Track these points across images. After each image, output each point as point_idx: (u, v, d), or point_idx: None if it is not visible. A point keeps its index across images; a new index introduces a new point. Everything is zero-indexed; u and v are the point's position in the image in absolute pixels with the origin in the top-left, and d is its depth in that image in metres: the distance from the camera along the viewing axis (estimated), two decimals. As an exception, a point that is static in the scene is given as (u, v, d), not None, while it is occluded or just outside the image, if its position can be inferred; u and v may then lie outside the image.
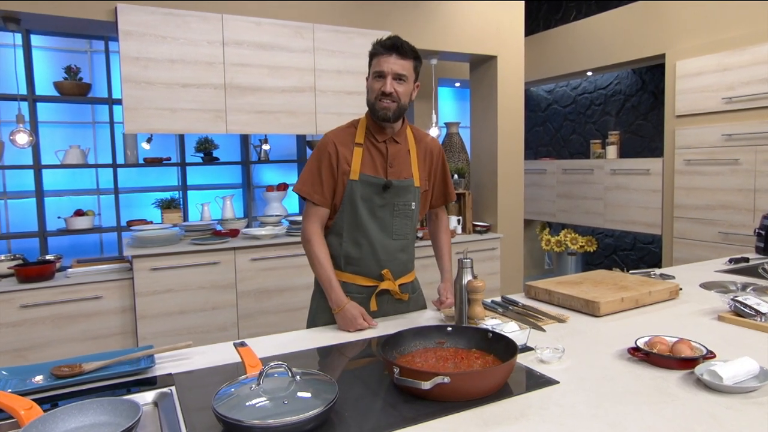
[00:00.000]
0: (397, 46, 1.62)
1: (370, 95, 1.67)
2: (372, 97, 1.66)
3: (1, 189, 4.10)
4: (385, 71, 1.62)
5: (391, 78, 1.62)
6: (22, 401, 1.06)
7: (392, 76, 1.62)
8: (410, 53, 1.65)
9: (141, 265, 3.00)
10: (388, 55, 1.62)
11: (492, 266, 4.22)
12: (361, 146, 1.69)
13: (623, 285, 1.84)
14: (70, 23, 3.04)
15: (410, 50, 1.65)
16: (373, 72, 1.65)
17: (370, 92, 1.67)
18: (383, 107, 1.64)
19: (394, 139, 1.74)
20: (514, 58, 4.20)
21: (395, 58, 1.62)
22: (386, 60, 1.62)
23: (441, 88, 5.47)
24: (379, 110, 1.65)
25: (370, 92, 1.67)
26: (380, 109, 1.65)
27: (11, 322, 2.81)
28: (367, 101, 1.70)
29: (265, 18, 3.29)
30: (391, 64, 1.62)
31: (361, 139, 1.71)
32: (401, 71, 1.63)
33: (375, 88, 1.64)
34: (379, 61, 1.63)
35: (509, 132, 4.24)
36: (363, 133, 1.72)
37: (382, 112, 1.65)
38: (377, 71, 1.64)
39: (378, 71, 1.63)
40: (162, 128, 3.10)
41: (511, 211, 4.33)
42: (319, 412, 0.98)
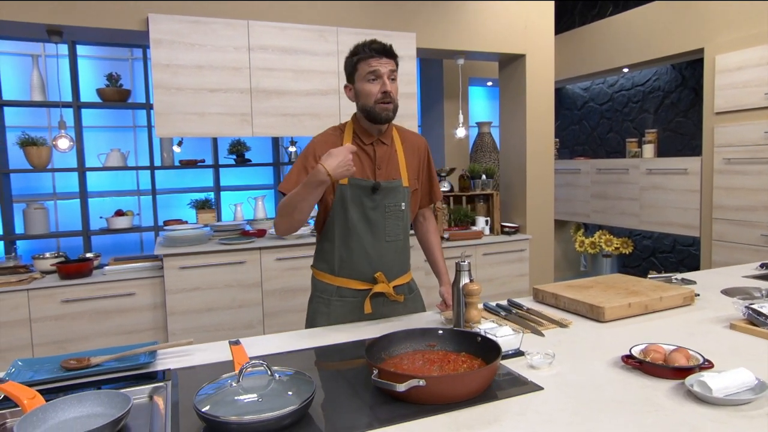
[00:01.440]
0: (386, 48, 1.66)
1: (367, 100, 1.66)
2: (371, 102, 1.65)
3: (51, 190, 4.36)
4: (381, 71, 1.64)
5: (387, 77, 1.65)
6: (27, 391, 1.14)
7: (387, 75, 1.65)
8: (395, 54, 1.69)
9: (171, 263, 3.13)
10: (379, 57, 1.64)
11: (520, 268, 4.16)
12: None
13: (634, 290, 1.79)
14: (107, 34, 3.20)
15: (393, 51, 1.69)
16: (367, 75, 1.65)
17: (366, 97, 1.66)
18: (385, 109, 1.66)
19: (381, 140, 1.75)
20: (544, 56, 4.12)
21: (386, 59, 1.65)
22: (378, 61, 1.64)
23: (472, 87, 5.42)
24: (382, 112, 1.66)
25: (366, 97, 1.66)
26: (382, 111, 1.66)
27: (53, 315, 2.99)
28: (361, 106, 1.69)
29: (290, 23, 3.36)
30: (384, 65, 1.64)
31: (349, 142, 1.72)
32: (393, 68, 1.67)
33: (373, 90, 1.64)
34: (370, 63, 1.64)
35: (539, 131, 4.16)
36: (350, 136, 1.73)
37: (384, 114, 1.66)
38: (372, 72, 1.64)
39: (372, 72, 1.64)
40: (191, 132, 3.22)
41: (541, 211, 4.25)
42: (294, 409, 1.01)
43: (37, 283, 2.98)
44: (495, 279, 4.08)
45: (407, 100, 3.69)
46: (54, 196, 4.34)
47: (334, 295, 1.75)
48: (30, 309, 2.95)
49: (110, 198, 4.46)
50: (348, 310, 1.75)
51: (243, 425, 0.99)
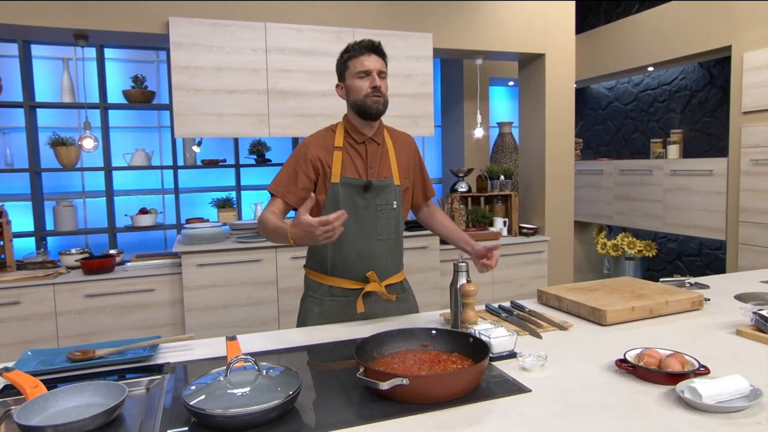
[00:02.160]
0: (375, 46, 1.71)
1: (358, 95, 1.70)
2: (361, 96, 1.70)
3: (81, 189, 4.51)
4: (370, 68, 1.68)
5: (376, 74, 1.69)
6: (31, 380, 1.19)
7: (377, 72, 1.69)
8: (384, 52, 1.74)
9: (188, 261, 3.21)
10: (369, 55, 1.69)
11: (539, 270, 4.11)
12: (340, 150, 1.74)
13: (641, 293, 1.76)
14: (130, 37, 3.30)
15: (382, 49, 1.74)
16: (357, 72, 1.70)
17: (357, 92, 1.70)
18: (375, 101, 1.70)
19: (373, 139, 1.78)
20: (564, 55, 4.06)
21: (375, 57, 1.70)
22: (368, 58, 1.69)
23: (493, 87, 5.38)
24: (372, 105, 1.70)
25: (357, 92, 1.70)
26: (373, 104, 1.70)
27: (77, 309, 3.10)
28: (352, 102, 1.73)
29: (306, 24, 3.40)
30: (373, 62, 1.69)
31: (340, 142, 1.75)
32: (382, 68, 1.71)
33: (363, 86, 1.69)
34: (360, 60, 1.69)
35: (558, 132, 4.10)
36: (342, 136, 1.76)
37: (375, 107, 1.70)
38: (361, 70, 1.69)
39: (362, 70, 1.69)
40: (209, 132, 3.29)
41: (560, 213, 4.19)
42: (278, 403, 1.03)
43: (63, 278, 3.10)
44: (513, 280, 4.04)
45: (423, 100, 3.69)
46: (83, 194, 4.50)
47: (326, 295, 1.78)
48: (56, 302, 3.06)
49: (136, 196, 4.60)
50: (340, 309, 1.77)
51: (228, 418, 1.02)
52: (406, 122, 3.67)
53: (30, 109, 3.82)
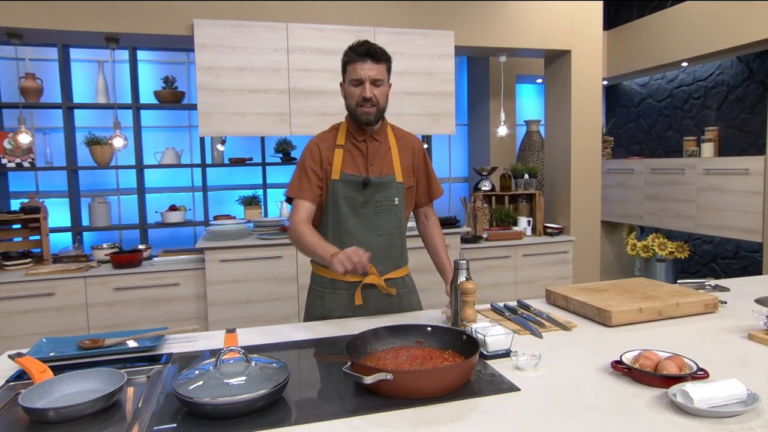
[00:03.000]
0: (371, 52, 1.69)
1: (350, 101, 1.73)
2: (353, 103, 1.72)
3: (115, 186, 4.69)
4: (362, 77, 1.68)
5: (369, 83, 1.69)
6: (39, 365, 1.26)
7: (369, 82, 1.68)
8: (383, 57, 1.71)
9: (212, 256, 3.30)
10: (363, 62, 1.68)
11: (563, 270, 4.04)
12: (342, 147, 1.77)
13: (651, 295, 1.71)
14: (157, 39, 3.41)
15: (382, 54, 1.71)
16: (350, 79, 1.70)
17: (350, 98, 1.72)
18: (365, 112, 1.71)
19: (374, 137, 1.80)
20: (591, 51, 3.97)
21: (370, 64, 1.68)
22: (362, 66, 1.68)
23: (522, 84, 5.30)
24: (362, 115, 1.72)
25: (350, 98, 1.72)
26: (362, 114, 1.72)
27: (107, 302, 3.23)
28: (347, 106, 1.76)
29: (328, 24, 3.44)
30: (367, 70, 1.68)
31: (342, 140, 1.78)
32: (377, 76, 1.69)
33: (355, 94, 1.70)
34: (354, 67, 1.69)
35: (584, 130, 4.01)
36: (344, 134, 1.79)
37: (364, 117, 1.72)
38: (354, 78, 1.69)
39: (355, 78, 1.69)
40: (233, 131, 3.37)
41: (587, 213, 4.10)
42: (263, 394, 1.06)
43: (93, 272, 3.23)
44: (536, 281, 3.98)
45: (444, 98, 3.67)
46: (117, 192, 4.67)
47: (328, 288, 1.81)
48: (87, 295, 3.20)
49: (167, 194, 4.75)
50: (341, 301, 1.80)
51: (216, 407, 1.05)
52: (427, 120, 3.67)
53: (68, 110, 3.99)
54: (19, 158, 3.95)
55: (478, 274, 3.85)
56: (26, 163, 3.96)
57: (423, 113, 3.64)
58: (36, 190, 4.45)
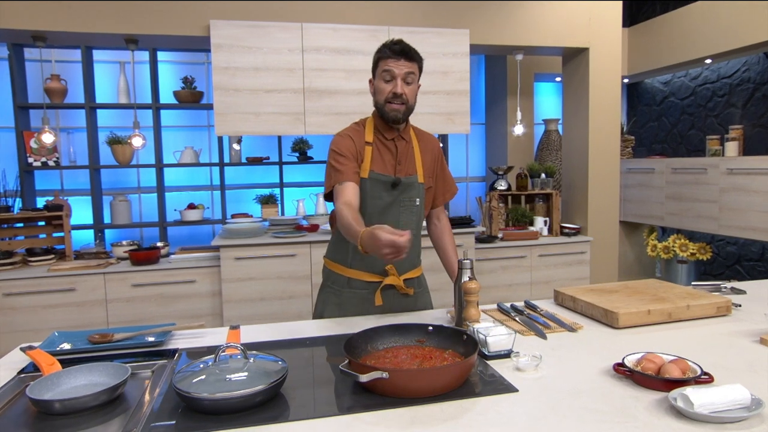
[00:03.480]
0: (405, 51, 1.68)
1: (379, 97, 1.71)
2: (381, 99, 1.70)
3: (137, 185, 4.79)
4: (395, 72, 1.67)
5: (401, 79, 1.67)
6: (48, 358, 1.30)
7: (402, 77, 1.67)
8: (416, 56, 1.70)
9: (227, 254, 3.34)
10: (397, 59, 1.67)
11: (580, 271, 3.98)
12: (370, 145, 1.75)
13: (662, 297, 1.68)
14: (175, 41, 3.47)
15: (416, 53, 1.71)
16: (383, 73, 1.69)
17: (379, 93, 1.71)
18: (393, 109, 1.69)
19: (402, 136, 1.79)
20: (610, 49, 3.91)
21: (404, 61, 1.67)
22: (395, 63, 1.67)
23: (540, 83, 5.24)
24: (390, 112, 1.70)
25: (379, 93, 1.71)
26: (390, 111, 1.70)
27: (125, 297, 3.30)
28: (375, 103, 1.75)
29: (342, 24, 3.45)
30: (401, 66, 1.67)
31: (371, 138, 1.76)
32: (410, 70, 1.68)
33: (385, 89, 1.69)
34: (387, 63, 1.68)
35: (603, 128, 3.95)
36: (371, 132, 1.77)
37: (392, 114, 1.70)
38: (387, 72, 1.68)
39: (387, 71, 1.67)
40: (248, 131, 3.41)
41: (604, 213, 4.03)
42: (260, 389, 1.07)
43: (113, 268, 3.31)
44: (552, 281, 3.94)
45: (459, 97, 3.65)
46: (138, 190, 4.77)
47: (345, 287, 1.80)
48: (106, 290, 3.27)
49: (186, 192, 4.83)
50: (358, 301, 1.79)
51: (214, 401, 1.07)
52: (442, 119, 3.65)
53: (90, 110, 4.08)
54: (45, 157, 4.06)
55: (492, 274, 3.83)
56: (51, 162, 4.07)
57: (438, 112, 3.63)
58: (61, 188, 4.57)
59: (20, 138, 3.96)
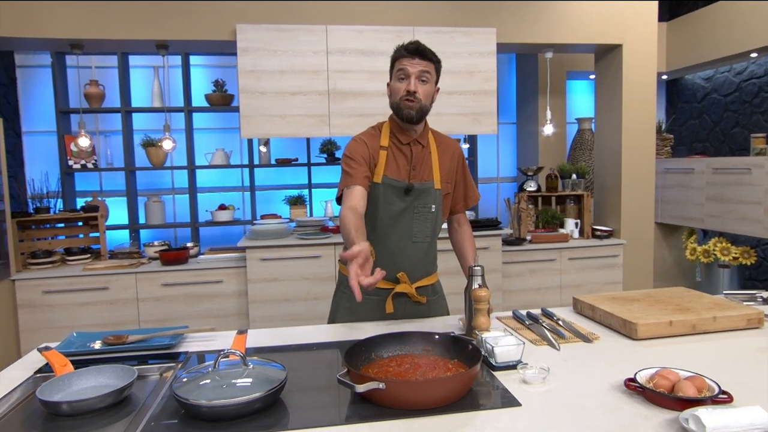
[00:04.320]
0: (420, 50, 1.65)
1: (395, 96, 1.69)
2: (397, 98, 1.68)
3: (171, 186, 4.92)
4: (409, 70, 1.65)
5: (414, 77, 1.65)
6: (61, 359, 1.33)
7: (416, 76, 1.65)
8: (432, 56, 1.68)
9: (253, 255, 3.39)
10: (412, 58, 1.65)
11: (612, 275, 3.85)
12: (385, 149, 1.73)
13: (687, 307, 1.60)
14: (203, 45, 3.54)
15: (432, 53, 1.68)
16: (397, 72, 1.68)
17: (395, 93, 1.69)
18: (407, 107, 1.67)
19: (418, 141, 1.75)
20: (644, 45, 3.76)
21: (419, 60, 1.65)
22: (410, 62, 1.65)
23: (574, 81, 5.10)
24: (404, 110, 1.67)
25: (395, 93, 1.69)
26: (405, 108, 1.67)
27: (155, 296, 3.39)
28: (390, 104, 1.73)
29: (367, 25, 3.44)
30: (416, 64, 1.65)
31: (386, 142, 1.74)
32: (425, 68, 1.65)
33: (400, 88, 1.67)
34: (402, 62, 1.66)
35: (637, 127, 3.81)
36: (387, 136, 1.75)
37: (406, 112, 1.67)
38: (401, 71, 1.66)
39: (401, 70, 1.66)
40: (274, 133, 3.45)
41: (639, 215, 3.89)
42: (257, 397, 1.07)
43: (144, 268, 3.40)
44: (583, 285, 3.82)
45: (485, 97, 3.59)
46: (172, 191, 4.90)
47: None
48: (137, 289, 3.37)
49: (218, 193, 4.93)
50: (370, 307, 1.77)
51: (212, 408, 1.07)
52: (468, 120, 3.60)
53: (126, 113, 4.21)
54: (84, 160, 4.21)
55: (520, 278, 3.75)
56: (90, 165, 4.23)
57: (463, 113, 3.58)
58: (100, 190, 4.74)
59: (61, 141, 4.13)
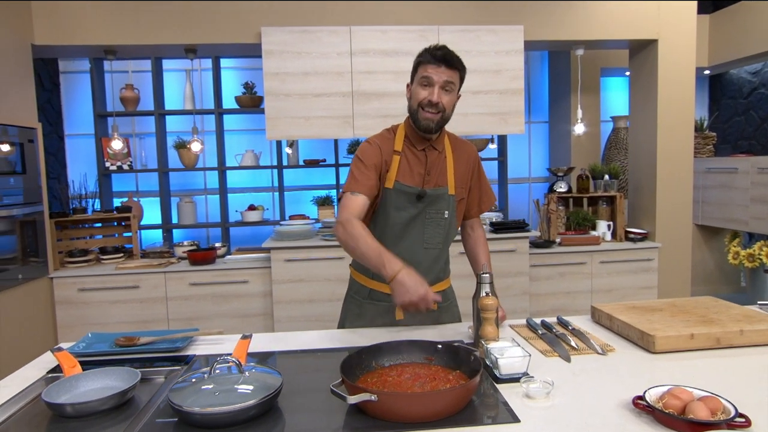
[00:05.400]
0: (447, 58, 1.57)
1: (414, 102, 1.62)
2: (415, 104, 1.61)
3: (203, 186, 5.03)
4: (434, 79, 1.57)
5: (439, 87, 1.58)
6: (71, 360, 1.36)
7: (440, 85, 1.58)
8: (459, 64, 1.60)
9: (277, 256, 3.42)
10: (437, 66, 1.57)
11: (647, 279, 3.70)
12: (399, 154, 1.68)
13: (713, 318, 1.50)
14: (229, 48, 3.59)
15: (459, 62, 1.60)
16: (420, 79, 1.60)
17: (414, 98, 1.62)
18: (426, 118, 1.60)
19: (434, 146, 1.70)
20: (682, 39, 3.59)
21: (445, 69, 1.57)
22: (435, 69, 1.57)
23: (610, 78, 4.94)
24: (422, 120, 1.61)
25: (414, 98, 1.62)
26: (423, 119, 1.61)
27: (183, 295, 3.46)
28: (409, 108, 1.66)
29: (391, 25, 3.42)
30: (441, 73, 1.57)
31: (400, 146, 1.69)
32: (449, 79, 1.58)
33: (421, 95, 1.59)
34: (426, 68, 1.58)
35: (673, 126, 3.64)
36: (401, 140, 1.70)
37: (424, 123, 1.61)
38: (425, 77, 1.58)
39: (426, 77, 1.58)
40: (298, 134, 3.47)
41: (675, 217, 3.72)
42: (250, 404, 1.06)
43: (173, 267, 3.48)
44: (615, 290, 3.69)
45: (513, 96, 3.51)
46: (205, 191, 5.01)
47: (367, 298, 1.77)
48: (166, 288, 3.45)
49: (249, 194, 5.01)
50: (379, 313, 1.75)
51: (205, 416, 1.07)
52: (494, 120, 3.52)
53: (159, 116, 4.32)
54: (120, 161, 4.35)
55: (549, 281, 3.65)
56: (125, 166, 4.36)
57: (489, 112, 3.51)
58: (136, 190, 4.89)
59: (99, 144, 4.28)
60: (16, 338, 3.02)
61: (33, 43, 3.31)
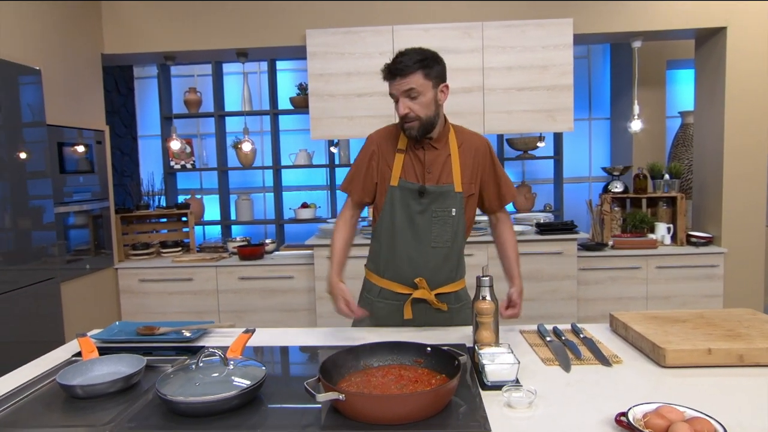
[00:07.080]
0: (393, 71, 1.60)
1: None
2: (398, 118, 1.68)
3: (261, 184, 5.24)
4: (395, 94, 1.63)
5: (402, 99, 1.61)
6: (90, 346, 1.48)
7: (402, 96, 1.61)
8: (412, 67, 1.57)
9: (320, 253, 3.49)
10: (392, 80, 1.62)
11: (711, 287, 3.43)
12: (403, 152, 1.70)
13: (740, 333, 1.38)
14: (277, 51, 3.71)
15: (411, 64, 1.58)
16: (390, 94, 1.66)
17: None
18: (406, 128, 1.66)
19: (432, 145, 1.69)
20: (754, 25, 3.28)
21: (399, 79, 1.59)
22: (392, 84, 1.62)
23: (676, 70, 4.61)
24: (406, 131, 1.67)
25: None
26: (406, 129, 1.66)
27: (233, 289, 3.63)
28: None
29: (434, 23, 3.38)
30: (397, 86, 1.61)
31: (404, 145, 1.71)
32: (410, 86, 1.58)
33: (397, 109, 1.65)
34: (388, 85, 1.64)
35: (743, 121, 3.34)
36: (405, 138, 1.71)
37: (408, 132, 1.67)
38: (390, 94, 1.65)
39: (390, 94, 1.65)
40: (342, 134, 3.52)
41: (745, 220, 3.42)
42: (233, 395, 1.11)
43: (224, 262, 3.66)
44: (673, 297, 3.45)
45: (561, 92, 3.37)
46: (263, 189, 5.21)
47: (377, 296, 1.78)
48: (218, 282, 3.63)
49: (304, 192, 5.15)
50: (389, 312, 1.76)
51: (189, 405, 1.13)
52: (541, 117, 3.40)
53: (219, 117, 4.55)
54: (183, 161, 4.63)
55: (599, 286, 3.47)
56: (188, 165, 4.63)
57: (536, 110, 3.39)
58: (200, 188, 5.18)
59: (164, 144, 4.57)
60: (84, 323, 3.29)
61: (103, 53, 3.59)
